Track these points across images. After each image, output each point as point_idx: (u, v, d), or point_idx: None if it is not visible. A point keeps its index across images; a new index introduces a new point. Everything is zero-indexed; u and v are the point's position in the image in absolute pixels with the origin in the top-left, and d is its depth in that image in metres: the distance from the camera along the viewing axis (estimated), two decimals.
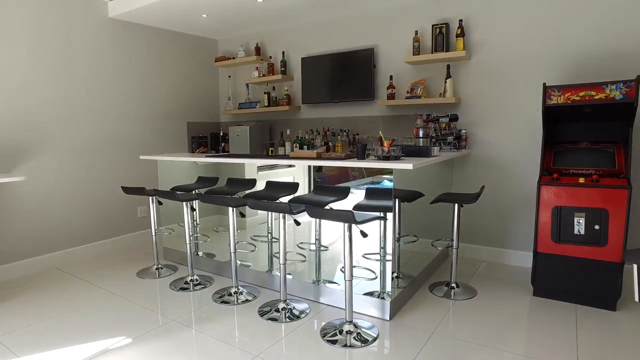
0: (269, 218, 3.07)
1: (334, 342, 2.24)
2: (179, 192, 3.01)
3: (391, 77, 3.79)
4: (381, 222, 2.51)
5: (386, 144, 2.48)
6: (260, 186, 3.05)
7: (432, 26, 3.51)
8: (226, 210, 3.24)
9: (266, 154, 4.13)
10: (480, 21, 3.38)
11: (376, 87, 3.94)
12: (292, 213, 2.37)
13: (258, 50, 4.61)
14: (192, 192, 3.28)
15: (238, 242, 3.21)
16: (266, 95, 4.58)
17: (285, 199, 2.85)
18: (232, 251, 2.85)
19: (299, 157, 2.87)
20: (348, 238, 2.23)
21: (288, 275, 2.91)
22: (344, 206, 2.64)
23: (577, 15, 3.01)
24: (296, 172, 2.88)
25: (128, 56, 4.11)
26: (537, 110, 3.21)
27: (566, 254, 2.63)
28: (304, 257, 2.88)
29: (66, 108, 3.64)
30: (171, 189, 3.45)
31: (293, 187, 2.88)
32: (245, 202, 2.66)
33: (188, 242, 3.12)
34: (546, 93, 2.70)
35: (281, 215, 2.55)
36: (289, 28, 4.47)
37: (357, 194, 2.60)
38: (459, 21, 3.37)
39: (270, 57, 4.61)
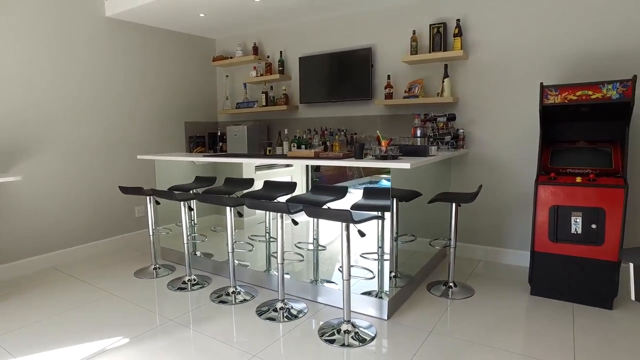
0: (267, 218, 3.07)
1: (332, 342, 2.24)
2: (177, 192, 3.01)
3: (389, 77, 3.80)
4: (379, 222, 2.51)
5: (384, 144, 2.49)
6: (258, 186, 3.05)
7: (430, 26, 3.51)
8: (224, 210, 3.23)
9: (264, 154, 4.12)
10: (477, 21, 3.39)
11: (374, 87, 3.95)
12: (290, 213, 2.37)
13: (256, 49, 4.60)
14: (190, 192, 3.28)
15: (236, 242, 3.21)
16: (264, 94, 4.58)
17: (283, 199, 2.85)
18: (230, 251, 2.85)
19: (297, 157, 2.86)
20: (346, 237, 2.23)
21: (286, 274, 2.91)
22: (342, 206, 2.64)
23: (574, 15, 3.02)
24: (294, 172, 2.88)
25: (125, 55, 4.10)
26: (535, 109, 3.21)
27: (563, 253, 2.64)
28: (302, 257, 2.88)
29: (63, 107, 3.63)
30: (169, 189, 3.45)
31: (291, 187, 2.88)
32: (243, 202, 2.66)
33: (186, 242, 3.11)
34: (543, 92, 2.71)
35: (279, 214, 2.55)
36: (287, 27, 4.47)
37: (355, 194, 2.60)
38: (457, 21, 3.37)
39: (268, 57, 4.61)
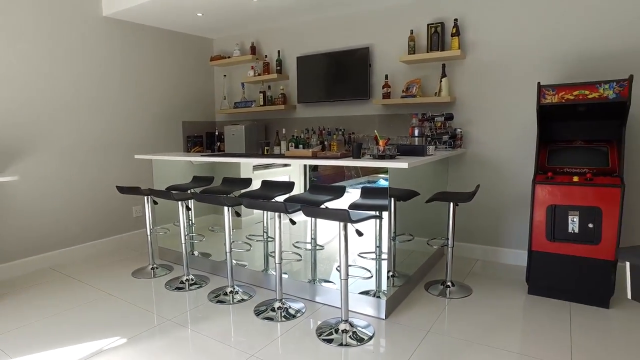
0: (265, 217, 3.06)
1: (330, 341, 2.24)
2: (174, 192, 3.00)
3: (387, 77, 3.80)
4: (377, 221, 2.52)
5: (382, 143, 2.49)
6: (255, 185, 3.05)
7: (428, 25, 3.52)
8: (222, 209, 3.23)
9: (262, 153, 4.12)
10: (475, 20, 3.39)
11: (372, 86, 3.95)
12: (288, 212, 2.37)
13: (253, 49, 4.60)
14: (188, 192, 3.27)
15: (233, 242, 3.21)
16: (262, 94, 4.57)
17: (280, 198, 2.84)
18: (228, 250, 2.85)
19: (295, 157, 2.86)
20: (344, 237, 2.23)
21: (284, 274, 2.91)
22: (340, 205, 2.64)
23: (572, 15, 3.03)
24: (292, 172, 2.88)
25: (122, 55, 4.09)
26: (532, 109, 3.22)
27: (560, 252, 2.65)
28: (300, 257, 2.88)
29: (60, 107, 3.62)
30: (166, 189, 3.44)
31: (288, 187, 2.88)
32: (240, 202, 2.66)
33: (183, 242, 3.11)
34: (540, 92, 2.72)
35: (277, 214, 2.55)
36: (285, 27, 4.47)
37: (353, 193, 2.60)
38: (454, 20, 3.38)
39: (265, 56, 4.60)
